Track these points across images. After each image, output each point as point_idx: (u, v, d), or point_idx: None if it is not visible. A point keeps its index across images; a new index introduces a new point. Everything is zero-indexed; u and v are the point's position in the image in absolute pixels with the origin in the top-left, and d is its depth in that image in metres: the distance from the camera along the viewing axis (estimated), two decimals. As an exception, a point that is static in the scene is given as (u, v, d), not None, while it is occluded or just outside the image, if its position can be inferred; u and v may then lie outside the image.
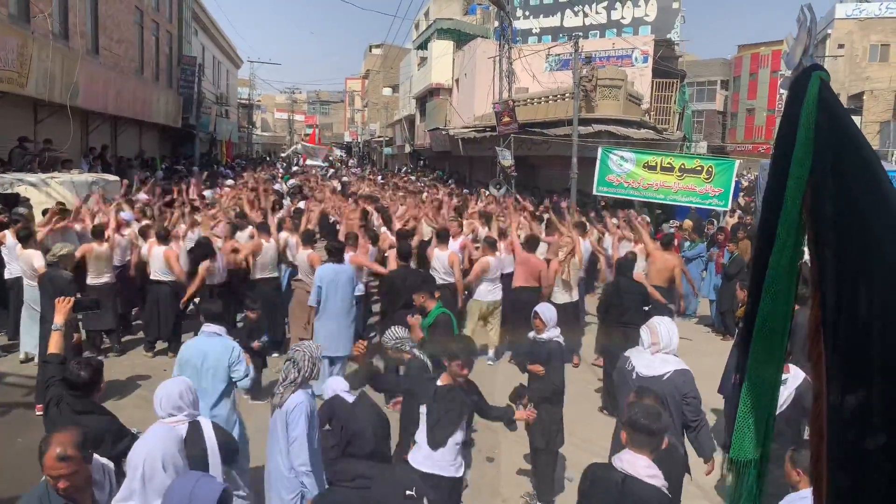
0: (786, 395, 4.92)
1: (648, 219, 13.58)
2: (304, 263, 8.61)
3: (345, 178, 27.43)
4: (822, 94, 1.21)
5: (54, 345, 4.02)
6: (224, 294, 8.88)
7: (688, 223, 13.87)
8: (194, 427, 3.64)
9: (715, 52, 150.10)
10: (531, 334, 5.49)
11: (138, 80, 21.20)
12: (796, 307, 5.30)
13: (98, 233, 8.61)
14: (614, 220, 12.36)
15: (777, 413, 4.35)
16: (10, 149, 12.85)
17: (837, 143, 1.20)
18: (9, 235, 8.54)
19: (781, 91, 41.27)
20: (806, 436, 4.62)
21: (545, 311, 5.43)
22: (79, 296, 5.03)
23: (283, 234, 9.50)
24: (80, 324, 7.39)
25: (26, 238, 8.04)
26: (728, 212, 15.41)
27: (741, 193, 20.19)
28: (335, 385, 5.14)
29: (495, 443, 6.44)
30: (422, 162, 37.88)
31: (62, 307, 4.12)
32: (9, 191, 10.61)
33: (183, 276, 8.62)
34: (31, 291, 7.90)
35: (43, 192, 10.66)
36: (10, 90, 11.73)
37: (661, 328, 4.73)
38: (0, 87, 11.32)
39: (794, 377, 5.01)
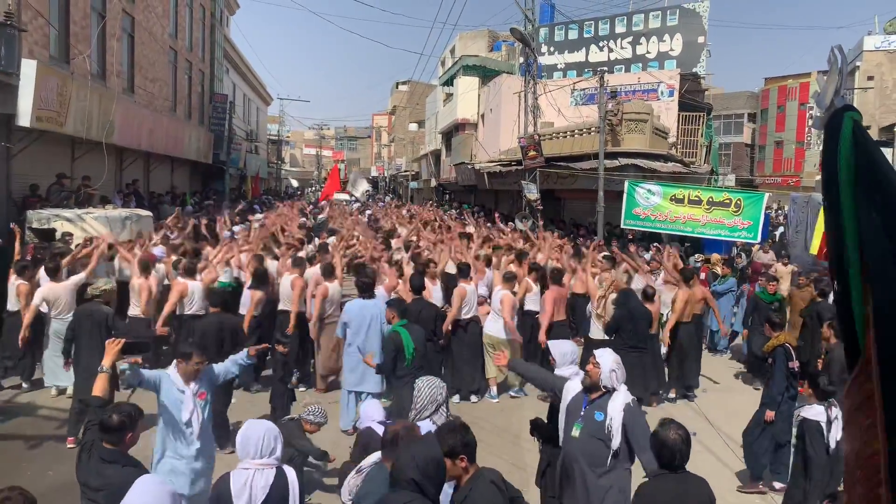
0: (839, 431, 5.13)
1: (677, 252, 13.45)
2: (335, 297, 8.68)
3: (369, 212, 27.70)
4: (856, 135, 1.22)
5: (99, 388, 3.93)
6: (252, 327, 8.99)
7: (716, 257, 13.70)
8: (280, 474, 3.52)
9: (741, 84, 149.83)
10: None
11: (171, 118, 21.73)
12: (833, 341, 5.26)
13: (144, 267, 8.77)
14: (646, 255, 12.29)
15: (834, 451, 4.35)
16: (49, 185, 13.21)
17: (876, 187, 1.21)
18: (43, 273, 8.71)
19: (810, 125, 41.03)
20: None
21: (556, 347, 5.24)
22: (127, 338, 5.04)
23: (311, 270, 9.57)
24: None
25: (53, 272, 8.19)
26: (758, 245, 15.23)
27: (770, 230, 19.91)
28: (371, 413, 5.11)
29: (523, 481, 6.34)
30: (447, 196, 38.12)
31: (111, 349, 4.05)
32: (46, 226, 10.90)
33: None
34: (55, 324, 8.02)
35: (78, 226, 10.92)
36: (49, 129, 12.08)
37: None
38: (40, 126, 11.66)
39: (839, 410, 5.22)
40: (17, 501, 2.91)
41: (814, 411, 5.22)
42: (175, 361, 4.70)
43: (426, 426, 3.92)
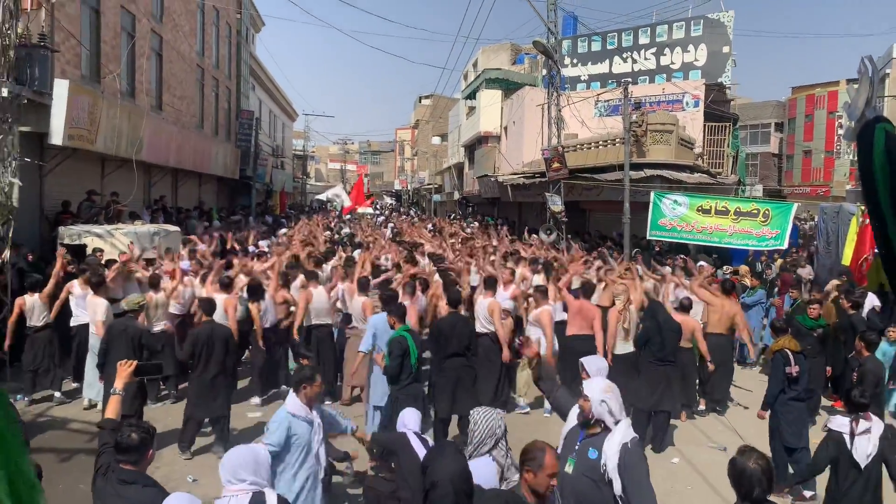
0: (870, 446, 5.04)
1: (707, 264, 13.28)
2: (357, 311, 8.70)
3: (391, 224, 27.84)
4: (889, 146, 1.20)
5: (112, 410, 3.89)
6: (272, 341, 9.04)
7: (744, 268, 13.50)
8: (257, 499, 3.42)
9: (768, 94, 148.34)
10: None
11: (198, 134, 22.07)
12: (865, 354, 5.18)
13: (154, 283, 8.89)
14: (668, 268, 12.14)
15: (869, 462, 4.20)
16: (80, 202, 13.47)
17: None
18: (76, 285, 8.88)
19: (840, 135, 40.45)
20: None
21: (591, 363, 5.15)
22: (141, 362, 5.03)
23: (342, 285, 9.62)
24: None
25: (98, 285, 8.34)
26: (781, 251, 14.97)
27: (800, 241, 19.55)
28: (408, 421, 5.08)
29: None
30: (471, 208, 38.14)
31: (123, 371, 4.02)
32: (77, 241, 11.10)
33: (235, 327, 8.73)
34: (95, 339, 8.15)
35: (108, 242, 11.10)
36: (80, 146, 12.33)
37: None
38: (72, 144, 11.90)
39: (876, 425, 5.12)
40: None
41: (837, 422, 5.20)
42: (297, 387, 4.63)
43: (485, 462, 3.73)
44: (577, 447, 3.79)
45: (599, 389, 3.76)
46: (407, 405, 6.16)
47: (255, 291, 8.90)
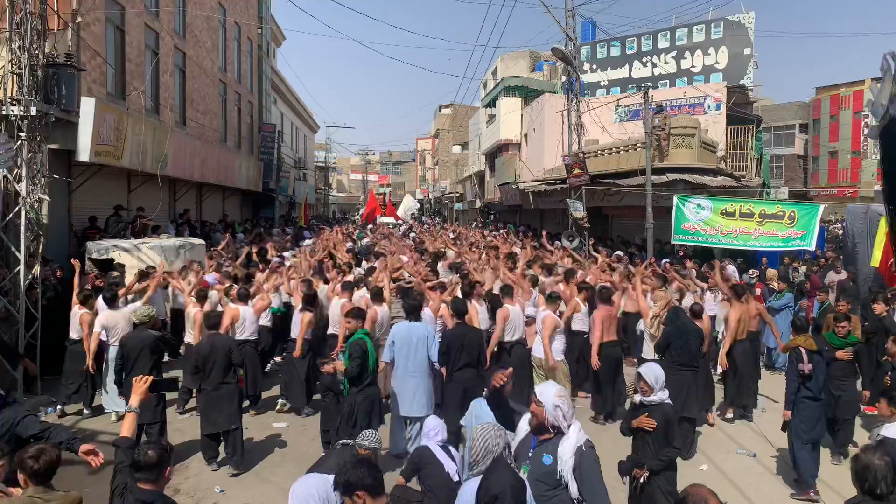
0: None
1: (733, 268, 13.13)
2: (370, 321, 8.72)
3: (413, 234, 27.88)
4: (914, 142, 1.18)
5: (127, 428, 3.79)
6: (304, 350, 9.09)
7: (772, 272, 13.31)
8: None
9: (791, 95, 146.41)
10: (637, 398, 5.17)
11: (222, 148, 22.32)
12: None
13: (201, 296, 8.97)
14: (692, 271, 12.04)
15: None
16: (107, 217, 13.69)
17: None
18: (101, 301, 9.02)
19: (866, 134, 39.82)
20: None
21: (649, 372, 5.07)
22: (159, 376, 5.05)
23: (360, 293, 9.66)
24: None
25: (111, 300, 8.50)
26: (809, 253, 14.74)
27: (827, 246, 19.23)
28: (431, 431, 5.08)
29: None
30: (492, 216, 38.11)
31: (139, 388, 3.94)
32: (104, 256, 11.29)
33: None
34: (113, 351, 8.26)
35: (135, 256, 11.27)
36: (107, 162, 12.53)
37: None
38: (99, 160, 12.10)
39: None
40: (52, 454, 3.40)
41: (891, 429, 4.90)
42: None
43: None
44: (530, 454, 3.80)
45: (552, 394, 3.75)
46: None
47: (312, 302, 8.98)
